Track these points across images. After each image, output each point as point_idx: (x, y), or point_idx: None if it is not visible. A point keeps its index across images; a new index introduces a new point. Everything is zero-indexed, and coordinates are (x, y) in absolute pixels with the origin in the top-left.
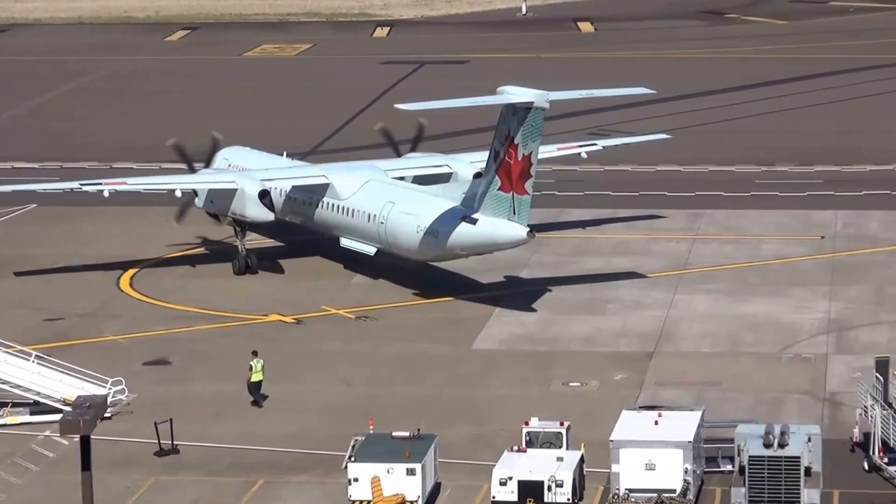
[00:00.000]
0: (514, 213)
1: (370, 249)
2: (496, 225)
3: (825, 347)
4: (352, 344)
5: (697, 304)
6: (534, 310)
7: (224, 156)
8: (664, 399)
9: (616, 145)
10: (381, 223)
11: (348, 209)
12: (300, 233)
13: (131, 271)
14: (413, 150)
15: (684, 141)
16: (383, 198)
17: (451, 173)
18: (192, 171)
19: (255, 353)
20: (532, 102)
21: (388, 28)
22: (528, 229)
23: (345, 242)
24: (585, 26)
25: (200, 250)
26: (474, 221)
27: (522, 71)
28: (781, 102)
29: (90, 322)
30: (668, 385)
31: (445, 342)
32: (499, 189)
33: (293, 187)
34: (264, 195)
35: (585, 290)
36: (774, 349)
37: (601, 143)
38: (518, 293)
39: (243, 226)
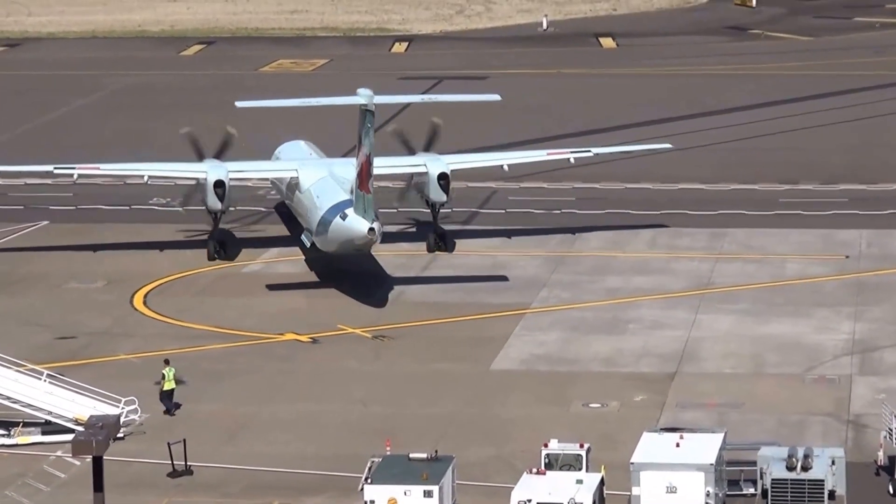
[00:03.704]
0: (364, 211)
1: (307, 242)
2: (354, 221)
3: (849, 369)
4: (368, 363)
5: (720, 324)
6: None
7: (280, 149)
8: (686, 421)
9: (611, 153)
10: (309, 216)
11: (301, 202)
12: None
13: (145, 289)
14: (427, 149)
15: (707, 158)
16: (318, 192)
17: (426, 173)
18: (201, 160)
19: (167, 362)
20: (366, 105)
21: (407, 43)
22: (369, 226)
23: (303, 235)
24: (607, 42)
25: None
26: (345, 217)
27: (543, 87)
28: (805, 119)
29: (103, 340)
30: (689, 406)
31: (463, 362)
32: (357, 187)
33: (291, 179)
34: (219, 185)
35: (606, 310)
36: (798, 370)
37: (594, 150)
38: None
39: (213, 214)
